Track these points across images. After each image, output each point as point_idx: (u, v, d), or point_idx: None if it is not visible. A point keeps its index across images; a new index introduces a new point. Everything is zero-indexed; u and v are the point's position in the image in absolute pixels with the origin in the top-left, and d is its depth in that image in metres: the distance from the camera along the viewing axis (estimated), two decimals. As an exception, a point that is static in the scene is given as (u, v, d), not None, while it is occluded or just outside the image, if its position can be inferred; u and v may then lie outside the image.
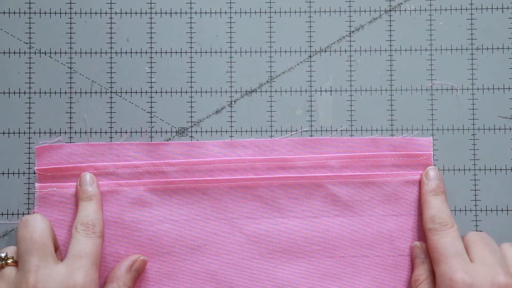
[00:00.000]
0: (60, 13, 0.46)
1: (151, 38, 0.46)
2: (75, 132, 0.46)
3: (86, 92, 0.46)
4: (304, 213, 0.45)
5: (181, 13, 0.47)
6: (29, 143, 0.46)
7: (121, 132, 0.46)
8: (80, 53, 0.46)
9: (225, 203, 0.45)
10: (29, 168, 0.45)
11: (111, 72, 0.46)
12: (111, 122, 0.46)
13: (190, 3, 0.47)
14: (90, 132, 0.46)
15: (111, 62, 0.46)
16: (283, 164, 0.45)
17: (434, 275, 0.42)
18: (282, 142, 0.46)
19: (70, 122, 0.46)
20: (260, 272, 0.44)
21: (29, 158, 0.45)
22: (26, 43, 0.46)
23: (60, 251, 0.43)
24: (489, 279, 0.38)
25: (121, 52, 0.46)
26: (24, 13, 0.46)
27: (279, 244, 0.45)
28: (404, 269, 0.44)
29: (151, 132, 0.46)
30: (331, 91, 0.46)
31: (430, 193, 0.44)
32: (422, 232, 0.44)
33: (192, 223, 0.45)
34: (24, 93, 0.46)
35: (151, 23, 0.47)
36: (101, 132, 0.46)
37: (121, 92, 0.46)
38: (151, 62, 0.46)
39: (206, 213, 0.45)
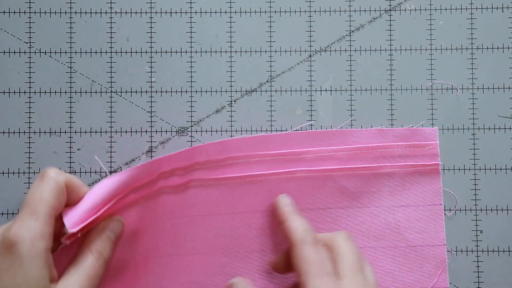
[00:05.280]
0: (60, 13, 0.46)
1: (151, 38, 0.46)
2: (75, 132, 0.46)
3: (86, 92, 0.46)
4: (311, 205, 0.45)
5: (181, 13, 0.47)
6: (29, 143, 0.46)
7: (121, 132, 0.46)
8: (80, 53, 0.46)
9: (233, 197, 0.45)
10: (29, 168, 0.45)
11: (111, 72, 0.46)
12: (111, 122, 0.46)
13: (190, 3, 0.47)
14: (91, 132, 0.46)
15: (111, 62, 0.46)
16: (292, 158, 0.45)
17: None
18: (289, 136, 0.45)
19: (70, 122, 0.46)
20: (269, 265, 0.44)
21: (29, 158, 0.45)
22: (26, 43, 0.46)
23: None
24: None
25: (121, 52, 0.46)
26: (24, 13, 0.46)
27: None
28: (412, 260, 0.44)
29: (151, 132, 0.46)
30: (331, 90, 0.46)
31: (291, 213, 0.41)
32: (429, 222, 0.45)
33: (201, 218, 0.44)
34: (24, 93, 0.46)
35: (151, 23, 0.47)
36: (101, 132, 0.46)
37: (121, 92, 0.46)
38: (151, 62, 0.46)
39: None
